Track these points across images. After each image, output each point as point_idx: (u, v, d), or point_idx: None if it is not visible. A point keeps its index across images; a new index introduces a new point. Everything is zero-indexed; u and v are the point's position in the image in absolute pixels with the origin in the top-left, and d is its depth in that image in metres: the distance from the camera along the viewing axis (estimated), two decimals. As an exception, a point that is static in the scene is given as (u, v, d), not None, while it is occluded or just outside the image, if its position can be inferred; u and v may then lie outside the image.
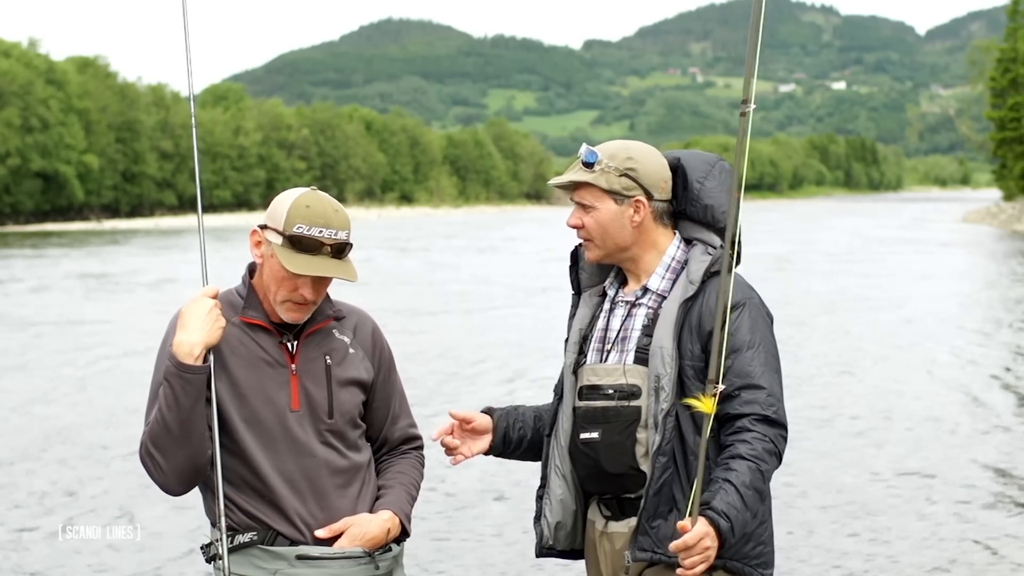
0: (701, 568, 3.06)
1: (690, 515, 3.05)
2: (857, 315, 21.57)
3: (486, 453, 3.59)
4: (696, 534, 3.03)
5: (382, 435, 3.46)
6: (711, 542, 3.05)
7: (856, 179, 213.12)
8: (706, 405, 3.04)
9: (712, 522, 3.05)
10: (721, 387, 3.07)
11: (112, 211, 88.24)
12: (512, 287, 27.57)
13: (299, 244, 3.17)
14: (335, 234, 3.19)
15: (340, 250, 3.21)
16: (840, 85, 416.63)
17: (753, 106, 3.06)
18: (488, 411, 3.59)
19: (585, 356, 3.42)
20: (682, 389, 3.24)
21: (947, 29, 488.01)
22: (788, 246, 43.12)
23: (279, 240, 3.19)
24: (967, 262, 36.75)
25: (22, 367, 16.07)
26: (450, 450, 3.55)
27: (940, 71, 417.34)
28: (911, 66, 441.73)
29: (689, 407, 3.15)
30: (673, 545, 3.04)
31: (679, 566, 3.16)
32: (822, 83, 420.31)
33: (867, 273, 30.96)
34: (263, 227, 3.25)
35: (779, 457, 3.20)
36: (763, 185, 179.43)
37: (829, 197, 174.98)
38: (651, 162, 3.36)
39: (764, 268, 30.63)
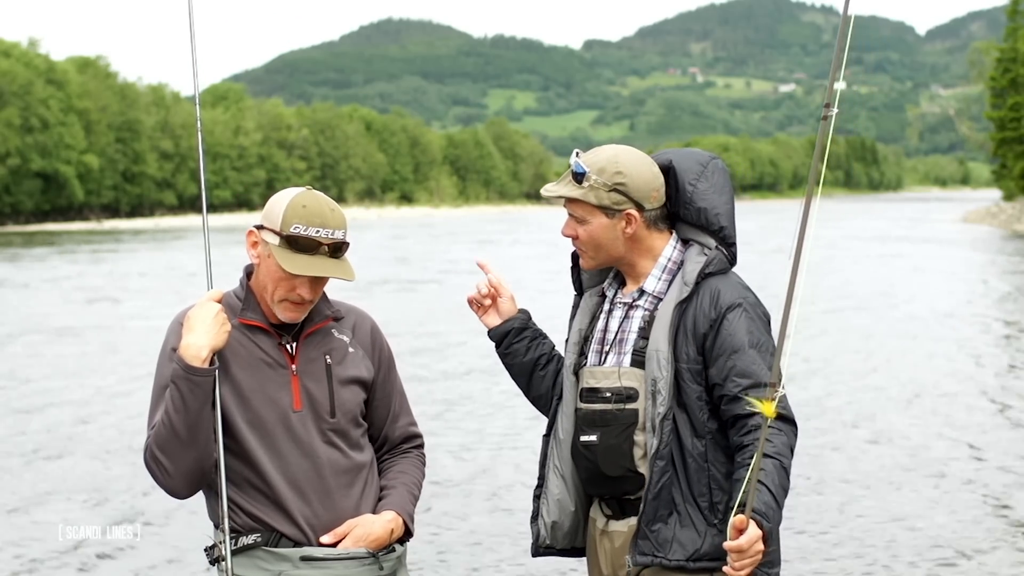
0: (749, 571, 3.04)
1: (741, 510, 3.00)
2: (860, 313, 21.56)
3: (494, 329, 3.58)
4: (751, 537, 2.99)
5: (383, 434, 3.46)
6: (761, 545, 3.02)
7: (856, 179, 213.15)
8: (766, 408, 2.94)
9: (758, 524, 3.02)
10: (781, 391, 2.99)
11: (112, 211, 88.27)
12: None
13: (296, 244, 3.17)
14: (332, 234, 3.19)
15: (337, 249, 3.21)
16: (840, 85, 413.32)
17: (835, 110, 3.00)
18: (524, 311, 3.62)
19: (585, 357, 3.41)
20: (679, 392, 3.23)
21: (947, 29, 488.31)
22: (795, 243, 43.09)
23: (276, 240, 3.18)
24: (968, 260, 36.72)
25: (15, 367, 16.08)
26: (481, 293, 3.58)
27: (940, 71, 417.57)
28: (911, 66, 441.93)
29: (752, 408, 3.09)
30: (727, 545, 3.01)
31: (680, 569, 3.18)
32: (822, 83, 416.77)
33: (869, 272, 30.96)
34: (259, 227, 3.24)
35: (793, 452, 3.19)
36: (763, 185, 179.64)
37: (829, 197, 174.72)
38: (641, 173, 3.30)
39: (773, 265, 30.62)
